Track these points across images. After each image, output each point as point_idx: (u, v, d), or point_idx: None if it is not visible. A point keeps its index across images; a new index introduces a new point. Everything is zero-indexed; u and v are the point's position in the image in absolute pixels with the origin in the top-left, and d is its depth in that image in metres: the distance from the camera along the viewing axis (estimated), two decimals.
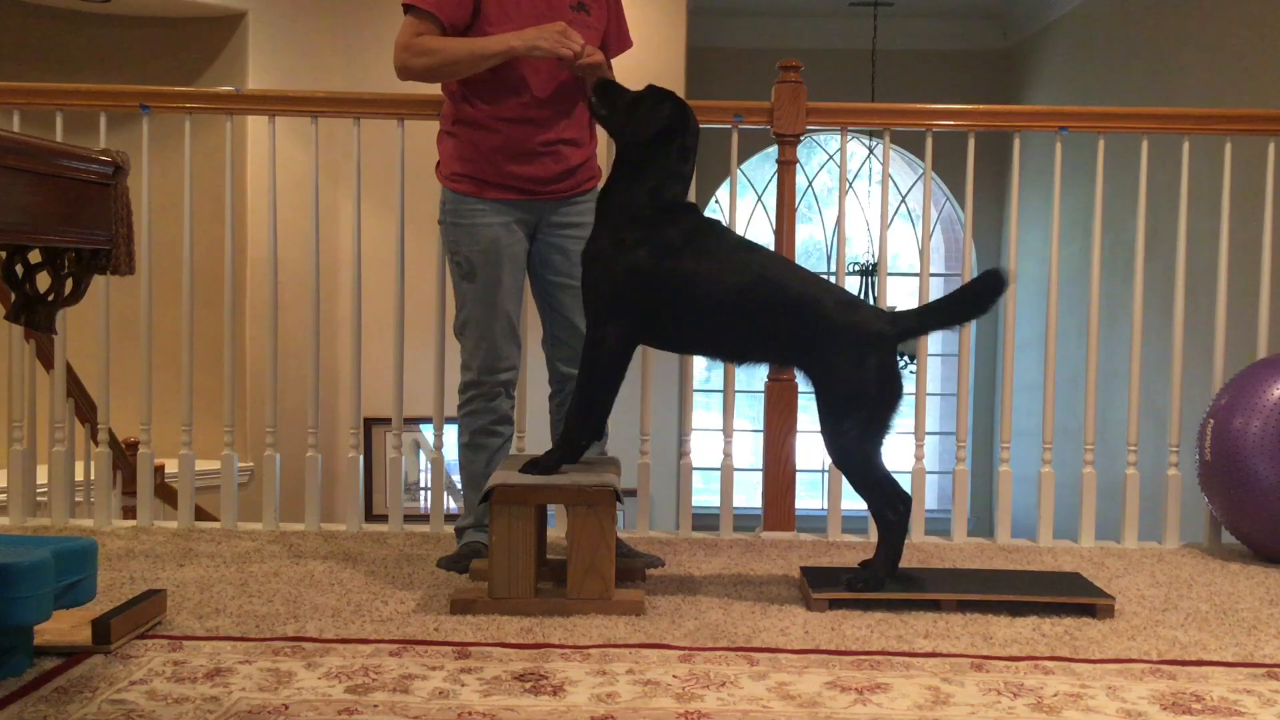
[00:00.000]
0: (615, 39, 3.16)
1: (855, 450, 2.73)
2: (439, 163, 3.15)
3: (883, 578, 2.76)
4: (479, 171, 3.05)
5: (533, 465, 2.79)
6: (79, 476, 4.42)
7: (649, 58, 6.72)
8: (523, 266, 3.13)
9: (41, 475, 3.77)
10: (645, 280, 2.73)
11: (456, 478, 4.57)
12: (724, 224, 2.93)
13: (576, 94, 3.09)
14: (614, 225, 2.79)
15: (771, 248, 3.74)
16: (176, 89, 3.86)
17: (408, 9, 2.98)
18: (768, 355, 2.86)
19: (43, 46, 6.47)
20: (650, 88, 2.86)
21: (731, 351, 2.87)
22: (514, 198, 3.06)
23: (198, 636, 2.45)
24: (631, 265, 2.73)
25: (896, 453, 4.44)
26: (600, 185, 3.08)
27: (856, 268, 8.19)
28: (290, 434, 3.96)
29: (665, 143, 2.80)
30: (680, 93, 5.63)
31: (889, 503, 2.76)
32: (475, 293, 3.07)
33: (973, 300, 2.78)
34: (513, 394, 3.17)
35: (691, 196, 3.75)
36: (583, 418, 2.83)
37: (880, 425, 2.74)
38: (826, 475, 3.70)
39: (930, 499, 4.31)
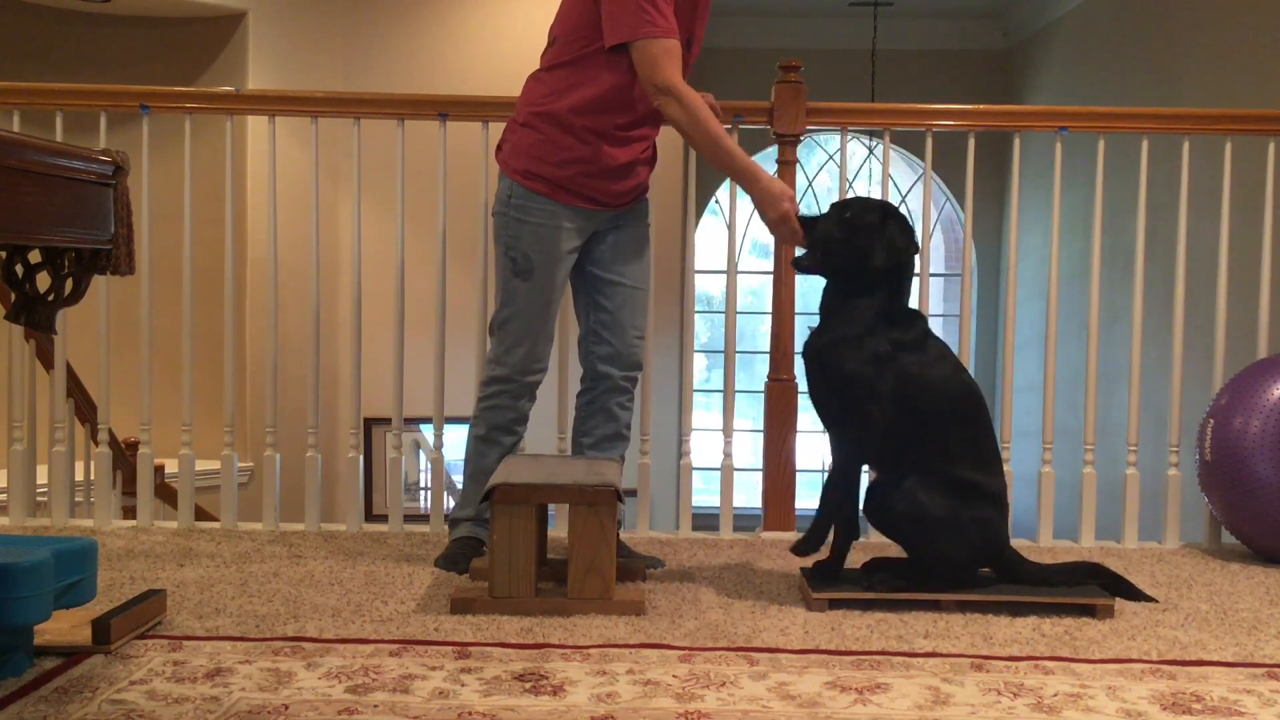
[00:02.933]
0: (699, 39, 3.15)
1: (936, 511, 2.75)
2: (502, 148, 3.09)
3: (898, 588, 2.76)
4: (557, 176, 3.00)
5: (826, 579, 2.81)
6: (79, 476, 4.42)
7: None
8: (570, 270, 3.12)
9: (41, 475, 3.77)
10: (886, 370, 2.73)
11: (457, 477, 4.56)
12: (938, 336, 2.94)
13: (660, 119, 3.08)
14: (853, 324, 2.77)
15: (771, 248, 3.76)
16: (176, 89, 3.86)
17: (649, 38, 2.85)
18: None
19: (43, 46, 6.47)
20: (861, 207, 2.83)
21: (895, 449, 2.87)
22: (586, 206, 3.03)
23: (198, 636, 2.46)
24: (875, 355, 2.73)
25: None
26: (648, 190, 3.16)
27: None
28: (290, 434, 3.96)
29: (890, 277, 2.81)
30: None
31: (940, 569, 2.78)
32: (527, 291, 3.04)
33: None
34: (535, 396, 3.15)
35: (691, 196, 3.78)
36: (848, 496, 2.84)
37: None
38: (826, 475, 3.69)
39: None
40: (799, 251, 2.95)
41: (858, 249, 2.78)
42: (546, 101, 2.99)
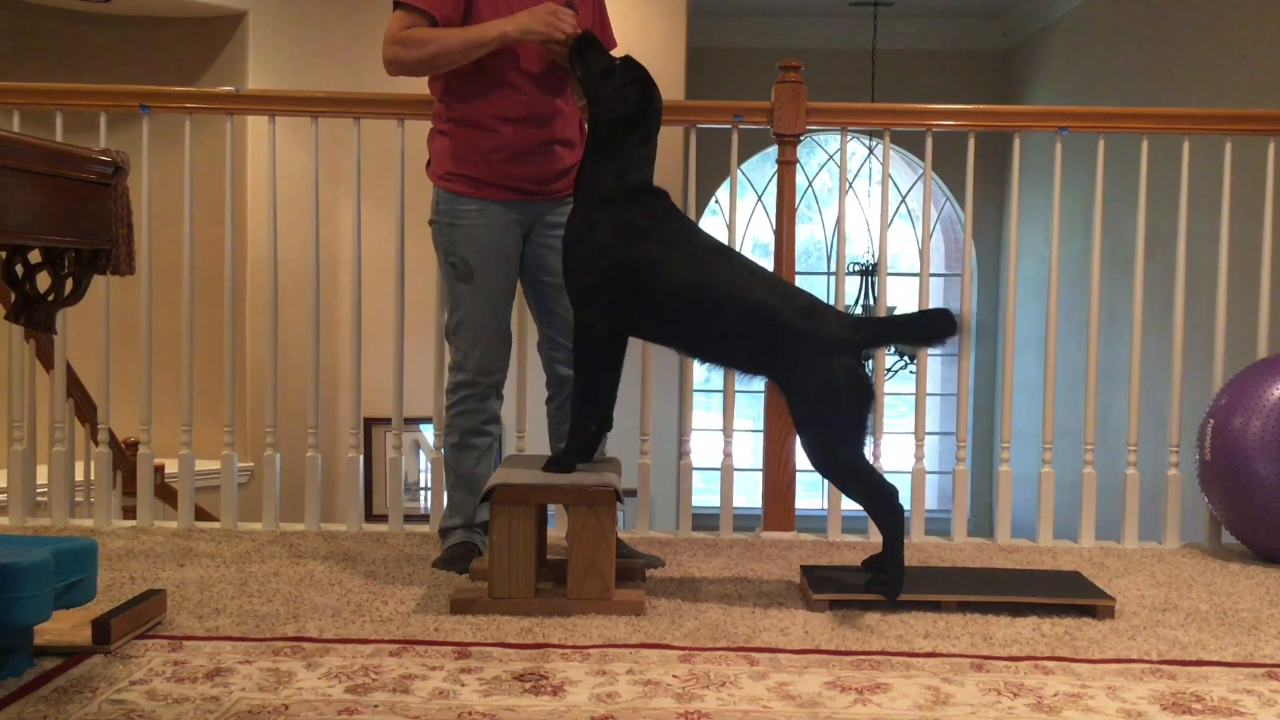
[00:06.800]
0: (599, 37, 3.15)
1: (836, 456, 2.72)
2: (429, 162, 3.15)
3: (901, 579, 2.74)
4: (475, 171, 3.04)
5: (553, 463, 2.79)
6: (79, 476, 4.42)
7: (649, 58, 6.68)
8: (517, 267, 3.13)
9: (41, 475, 3.77)
10: (611, 263, 2.75)
11: None
12: (690, 219, 2.93)
13: (568, 93, 3.09)
14: (584, 208, 2.81)
15: (771, 248, 3.76)
16: (176, 89, 3.86)
17: (396, 4, 2.97)
18: (733, 361, 2.84)
19: (43, 46, 6.47)
20: (624, 62, 2.85)
21: (696, 349, 2.86)
22: (510, 198, 3.06)
23: (198, 636, 2.45)
24: (600, 247, 2.75)
25: (896, 453, 4.45)
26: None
27: (856, 268, 8.19)
28: (290, 434, 3.96)
29: (629, 127, 2.81)
30: (680, 93, 5.64)
31: (883, 500, 2.74)
32: (472, 294, 3.07)
33: (925, 333, 2.77)
34: (502, 394, 3.18)
35: (691, 196, 3.77)
36: (587, 407, 2.84)
37: (855, 429, 2.71)
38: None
39: (930, 499, 4.32)
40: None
41: (600, 88, 2.80)
42: (446, 111, 3.08)
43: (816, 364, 2.68)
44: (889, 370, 7.67)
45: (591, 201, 2.80)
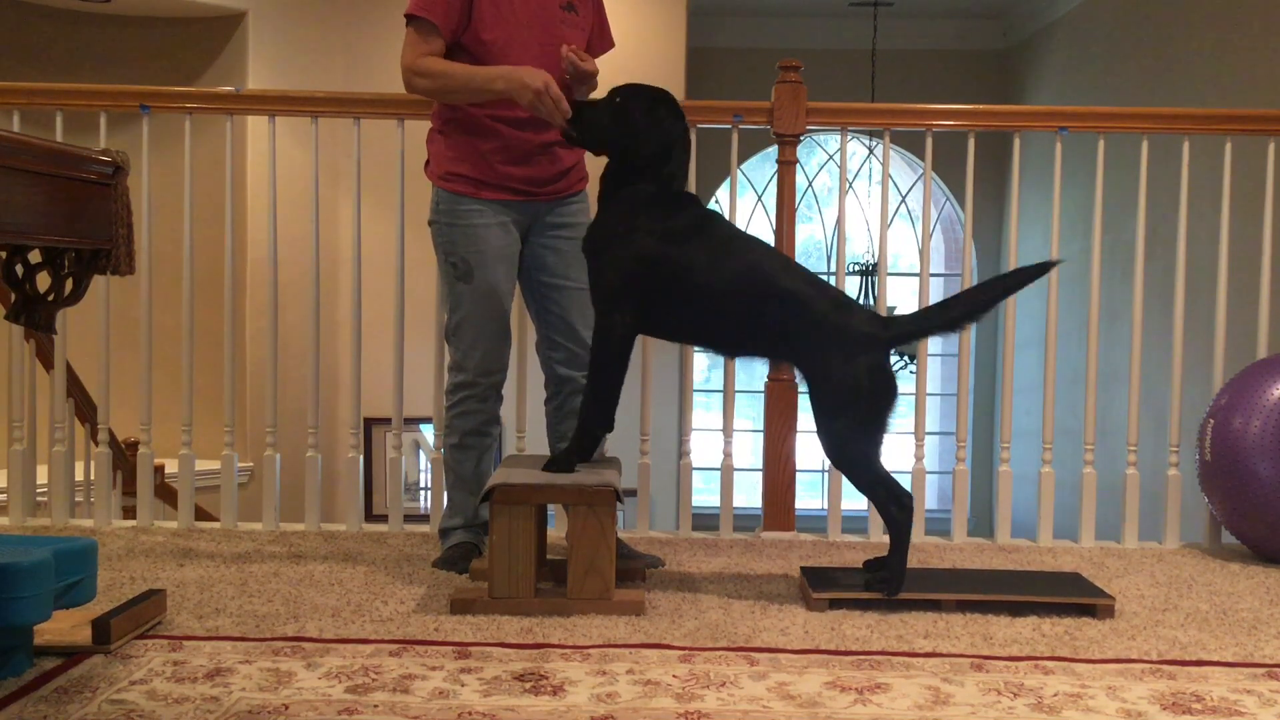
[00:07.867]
0: (598, 39, 3.17)
1: (850, 450, 2.74)
2: (428, 162, 3.16)
3: (902, 578, 2.75)
4: (475, 172, 3.05)
5: (553, 463, 2.80)
6: (79, 476, 4.42)
7: (649, 58, 6.71)
8: (516, 267, 3.13)
9: (41, 475, 3.77)
10: (652, 267, 2.75)
11: None
12: (724, 216, 2.96)
13: (569, 96, 3.10)
14: (622, 213, 2.80)
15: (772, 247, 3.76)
16: (176, 89, 3.86)
17: (409, 20, 3.00)
18: (761, 349, 2.88)
19: (43, 46, 6.47)
20: (632, 92, 2.84)
21: (726, 343, 2.89)
22: (510, 198, 3.06)
23: (198, 636, 2.45)
24: (640, 252, 2.75)
25: (896, 453, 4.45)
26: (586, 185, 3.12)
27: (856, 268, 8.19)
28: (290, 434, 3.96)
29: (677, 148, 2.84)
30: (680, 93, 5.60)
31: (892, 500, 2.75)
32: (471, 294, 3.07)
33: (961, 317, 2.79)
34: (502, 394, 3.19)
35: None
36: (597, 409, 2.84)
37: (875, 425, 2.74)
38: (826, 475, 3.69)
39: (930, 499, 4.32)
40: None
41: (627, 133, 2.80)
42: (446, 112, 3.08)
43: (844, 357, 2.71)
44: None
45: (628, 208, 2.79)
